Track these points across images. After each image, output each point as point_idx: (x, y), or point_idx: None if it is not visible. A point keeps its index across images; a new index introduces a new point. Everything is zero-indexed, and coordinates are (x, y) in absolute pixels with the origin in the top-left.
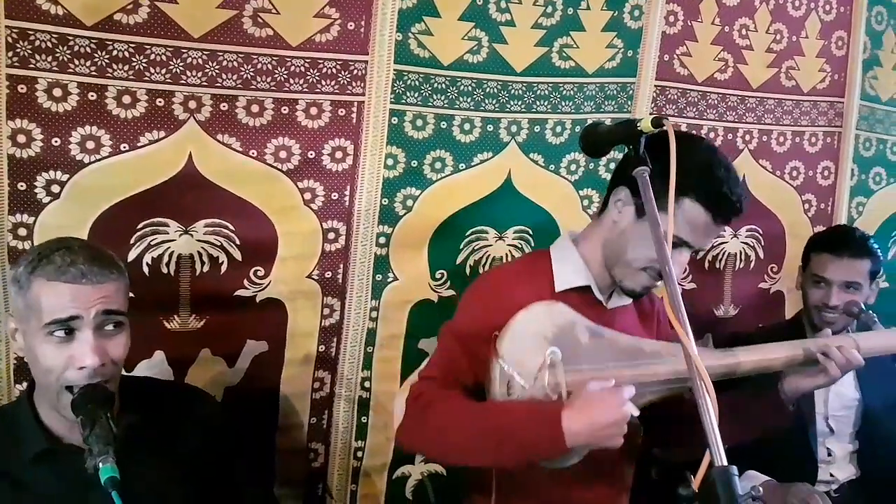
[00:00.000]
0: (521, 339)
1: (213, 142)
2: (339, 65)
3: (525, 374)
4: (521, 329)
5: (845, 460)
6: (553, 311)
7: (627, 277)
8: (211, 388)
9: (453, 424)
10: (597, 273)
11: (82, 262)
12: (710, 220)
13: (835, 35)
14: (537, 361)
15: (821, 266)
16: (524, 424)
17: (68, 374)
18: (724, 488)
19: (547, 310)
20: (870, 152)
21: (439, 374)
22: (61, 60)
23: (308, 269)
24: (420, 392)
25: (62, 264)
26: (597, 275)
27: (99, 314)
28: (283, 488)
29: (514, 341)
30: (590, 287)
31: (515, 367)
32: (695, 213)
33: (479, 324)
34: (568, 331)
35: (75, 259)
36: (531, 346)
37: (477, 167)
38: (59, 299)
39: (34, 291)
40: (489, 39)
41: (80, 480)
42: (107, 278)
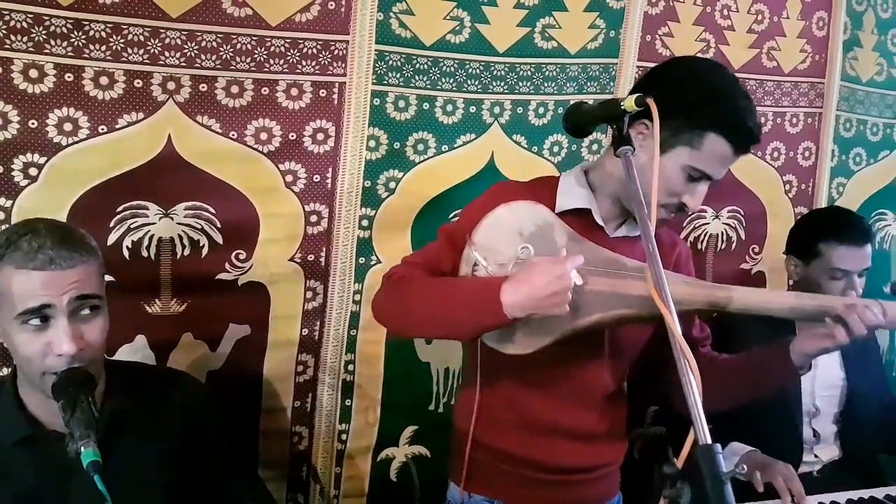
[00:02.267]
0: (496, 230)
1: (193, 123)
2: (320, 45)
3: (493, 262)
4: (498, 220)
5: (829, 441)
6: (534, 210)
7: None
8: (193, 373)
9: (414, 296)
10: (603, 201)
11: (50, 247)
12: (731, 152)
13: (815, 16)
14: (509, 254)
15: (840, 258)
16: (469, 294)
17: (48, 362)
18: (708, 466)
19: (528, 208)
20: (850, 133)
21: (421, 261)
22: (37, 41)
23: (290, 252)
24: (397, 271)
25: (29, 250)
26: (602, 202)
27: (72, 300)
28: (267, 471)
29: (489, 231)
30: (590, 211)
31: (485, 254)
32: (718, 146)
33: (471, 224)
34: (546, 231)
35: (43, 244)
36: (505, 239)
37: (460, 149)
38: (29, 287)
39: (4, 280)
40: (471, 20)
41: (63, 467)
42: (77, 261)
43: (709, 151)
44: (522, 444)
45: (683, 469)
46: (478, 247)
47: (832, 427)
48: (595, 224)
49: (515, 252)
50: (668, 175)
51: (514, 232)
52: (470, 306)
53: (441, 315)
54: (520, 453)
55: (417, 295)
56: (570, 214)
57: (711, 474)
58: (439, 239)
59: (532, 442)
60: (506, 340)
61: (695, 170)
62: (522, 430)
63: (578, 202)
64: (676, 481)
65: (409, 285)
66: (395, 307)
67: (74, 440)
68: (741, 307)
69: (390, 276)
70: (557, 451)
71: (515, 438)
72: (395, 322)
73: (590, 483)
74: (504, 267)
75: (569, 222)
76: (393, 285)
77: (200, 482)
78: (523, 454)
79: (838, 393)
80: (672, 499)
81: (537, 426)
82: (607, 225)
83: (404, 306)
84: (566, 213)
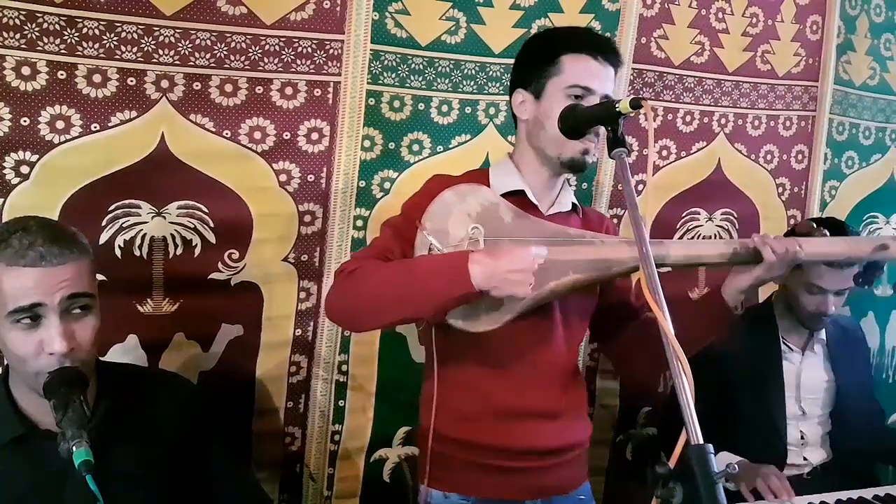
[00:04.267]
0: (445, 213)
1: (186, 122)
2: (315, 44)
3: (446, 244)
4: (446, 204)
5: (817, 443)
6: (478, 191)
7: (563, 151)
8: (185, 373)
9: (373, 282)
10: (532, 178)
11: (41, 244)
12: (593, 62)
13: (809, 19)
14: (460, 235)
15: (818, 276)
16: (434, 268)
17: (39, 361)
18: (700, 466)
19: (473, 190)
20: (843, 136)
21: (371, 254)
22: (30, 38)
23: (284, 252)
24: (347, 265)
25: (20, 248)
26: (532, 179)
27: (63, 299)
28: (260, 472)
29: (438, 215)
30: (524, 192)
31: (439, 238)
32: (576, 61)
33: (413, 215)
34: (492, 210)
35: (33, 241)
36: (455, 221)
37: (455, 149)
38: (20, 285)
39: None
40: (467, 20)
41: (55, 467)
42: (68, 258)
43: (572, 70)
44: (487, 431)
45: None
46: (429, 231)
47: (819, 429)
48: (530, 203)
49: (467, 232)
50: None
51: (462, 213)
52: (437, 279)
53: (404, 294)
54: (485, 441)
55: (376, 280)
56: (506, 197)
57: (703, 474)
58: (383, 233)
59: (496, 427)
60: (472, 318)
61: (574, 87)
62: (485, 417)
63: (512, 185)
64: (669, 481)
65: (366, 273)
66: (350, 298)
67: (66, 440)
68: (678, 260)
69: (342, 270)
70: (522, 433)
71: (479, 426)
72: (352, 314)
73: (558, 468)
74: (458, 248)
75: None
76: (347, 277)
77: (194, 483)
78: (488, 441)
79: (824, 395)
80: (664, 499)
81: (499, 410)
82: (541, 203)
83: (361, 295)
84: (502, 196)
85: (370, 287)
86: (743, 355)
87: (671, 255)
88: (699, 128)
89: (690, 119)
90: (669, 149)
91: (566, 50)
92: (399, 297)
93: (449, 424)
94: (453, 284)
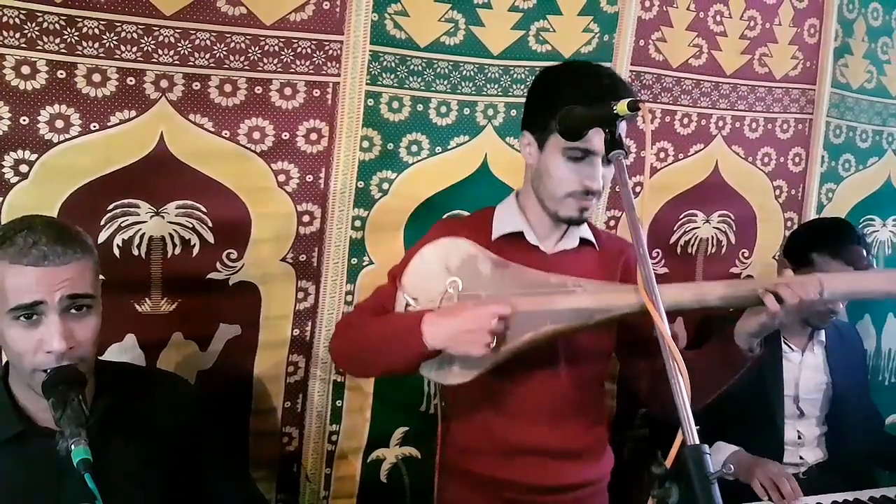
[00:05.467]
0: (423, 270)
1: (186, 122)
2: (314, 45)
3: (425, 300)
4: (424, 261)
5: (814, 443)
6: (456, 244)
7: (560, 208)
8: (183, 372)
9: (358, 338)
10: (535, 219)
11: (45, 243)
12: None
13: (807, 23)
14: (438, 290)
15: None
16: (395, 327)
17: (38, 358)
18: (695, 466)
19: (451, 243)
20: (840, 139)
21: (370, 306)
22: (29, 37)
23: (282, 252)
24: (347, 318)
25: (24, 246)
26: (535, 221)
27: (64, 298)
28: (257, 471)
29: (416, 272)
30: (523, 233)
31: (416, 294)
32: None
33: None
34: (470, 263)
35: (38, 240)
36: (433, 276)
37: (453, 150)
38: (22, 282)
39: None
40: (466, 22)
41: (54, 465)
42: (71, 258)
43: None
44: (494, 466)
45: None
46: (406, 288)
47: (816, 429)
48: (530, 245)
49: (445, 287)
50: (555, 167)
51: (441, 268)
52: (397, 339)
53: (378, 351)
54: (493, 475)
55: (360, 336)
56: (506, 238)
57: (699, 474)
58: (388, 282)
59: (503, 463)
60: (444, 371)
61: (571, 150)
62: (492, 452)
63: (511, 226)
64: (665, 481)
65: (353, 329)
66: (345, 351)
67: (65, 438)
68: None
69: (342, 322)
70: (530, 469)
71: (486, 461)
72: (347, 364)
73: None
74: (434, 303)
75: (505, 246)
76: (342, 330)
77: (190, 482)
78: (496, 475)
79: (822, 396)
80: (660, 499)
81: (508, 448)
82: (544, 242)
83: (352, 349)
84: (502, 238)
85: (356, 343)
86: None
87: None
88: (697, 130)
89: (688, 121)
90: (667, 151)
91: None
92: (375, 353)
93: (456, 457)
94: (409, 345)
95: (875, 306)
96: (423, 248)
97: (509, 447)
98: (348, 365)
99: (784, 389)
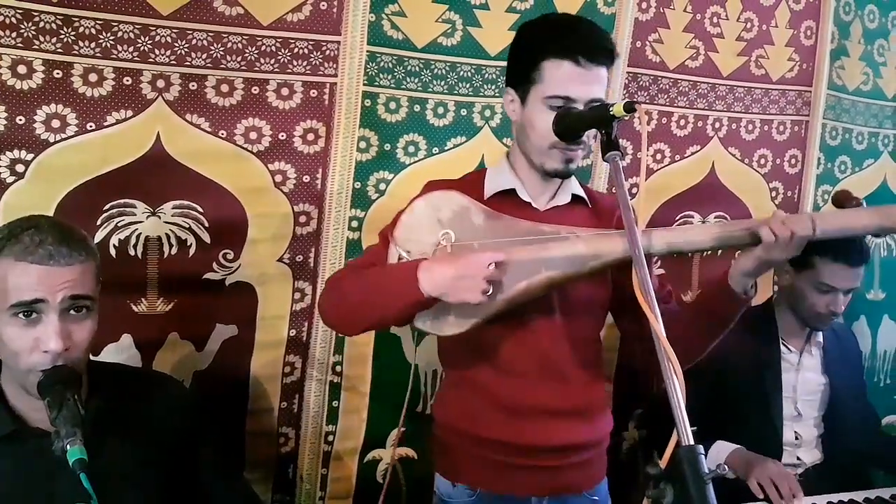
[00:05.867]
0: (415, 223)
1: (182, 122)
2: (311, 45)
3: (417, 253)
4: (416, 214)
5: (811, 444)
6: (448, 197)
7: (545, 160)
8: (179, 373)
9: (348, 289)
10: (526, 177)
11: (51, 243)
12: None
13: (804, 25)
14: (431, 242)
15: (830, 275)
16: (391, 276)
17: (33, 358)
18: (690, 467)
19: (443, 196)
20: (836, 141)
21: (361, 263)
22: (26, 37)
23: (279, 252)
24: (338, 273)
25: (30, 244)
26: (526, 178)
27: (65, 299)
28: (253, 472)
29: (408, 226)
30: (515, 190)
31: (409, 248)
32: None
33: None
34: (463, 214)
35: (44, 239)
36: (425, 229)
37: (451, 151)
38: (25, 280)
39: (1, 271)
40: (463, 22)
41: (46, 465)
42: (75, 260)
43: (551, 79)
44: (493, 427)
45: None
46: (399, 241)
47: (814, 430)
48: (522, 202)
49: (437, 240)
50: (538, 119)
51: (432, 221)
52: (392, 287)
53: (371, 302)
54: (491, 436)
55: (351, 287)
56: (499, 196)
57: (694, 475)
58: (379, 242)
59: (502, 424)
60: (439, 321)
61: (552, 98)
62: (491, 413)
63: (503, 184)
64: (660, 482)
65: (344, 282)
66: (336, 304)
67: (60, 438)
68: (664, 248)
69: (332, 277)
70: (529, 430)
71: (485, 422)
72: (336, 318)
73: (570, 466)
74: (425, 255)
75: (498, 203)
76: (332, 285)
77: (185, 483)
78: (495, 437)
79: (819, 397)
80: (655, 499)
81: (505, 407)
82: (537, 200)
83: (343, 302)
84: (495, 196)
85: (345, 296)
86: (743, 355)
87: (654, 244)
88: (693, 132)
89: (685, 123)
90: (664, 152)
91: (547, 55)
92: (366, 304)
93: (457, 418)
94: (405, 293)
95: (870, 307)
96: (415, 202)
97: (509, 407)
98: (338, 320)
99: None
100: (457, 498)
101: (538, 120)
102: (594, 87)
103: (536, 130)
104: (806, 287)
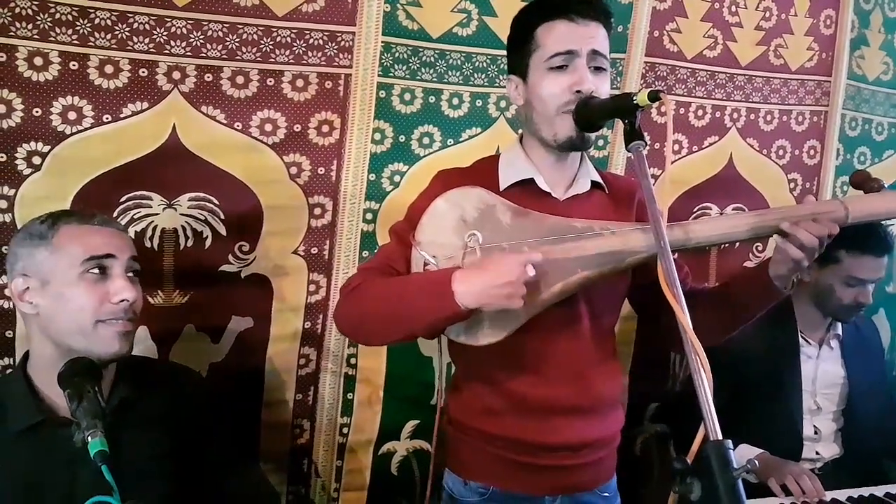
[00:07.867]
0: (438, 224)
1: (198, 114)
2: (326, 36)
3: (442, 257)
4: (438, 215)
5: (830, 438)
6: (471, 194)
7: (557, 129)
8: (195, 365)
9: (369, 301)
10: (542, 164)
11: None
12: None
13: (823, 14)
14: (457, 245)
15: (859, 268)
16: (421, 287)
17: (105, 308)
18: (718, 462)
19: (464, 194)
20: (855, 132)
21: (375, 266)
22: (42, 28)
23: (294, 244)
24: (351, 281)
25: (86, 214)
26: (542, 166)
27: (129, 259)
28: (268, 464)
29: (431, 227)
30: (534, 179)
31: (433, 251)
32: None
33: (417, 218)
34: (488, 213)
35: (93, 214)
36: (450, 231)
37: (465, 143)
38: (96, 239)
39: (62, 238)
40: (479, 12)
41: (69, 456)
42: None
43: (546, 41)
44: (508, 425)
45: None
46: (423, 245)
47: (833, 425)
48: (541, 191)
49: (463, 241)
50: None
51: (457, 221)
52: (423, 300)
53: (397, 314)
54: (506, 434)
55: (372, 299)
56: (516, 187)
57: (723, 470)
58: (391, 240)
59: (517, 422)
60: (475, 332)
61: (554, 57)
62: (506, 411)
63: (520, 174)
64: (686, 476)
65: (363, 292)
66: (353, 317)
67: (81, 430)
68: (702, 240)
69: (347, 286)
70: (544, 428)
71: (500, 420)
72: (357, 331)
73: (583, 464)
74: (454, 259)
75: (516, 195)
76: (348, 295)
77: (202, 474)
78: (509, 435)
79: (839, 391)
80: (682, 494)
81: (521, 405)
82: (555, 189)
83: (362, 314)
84: (511, 186)
85: (367, 308)
86: (761, 348)
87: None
88: (711, 122)
89: (703, 113)
90: (681, 143)
91: (538, 22)
92: (392, 317)
93: (470, 415)
94: (439, 306)
95: (890, 300)
96: (435, 201)
97: (526, 405)
98: (358, 332)
99: (801, 384)
100: (468, 496)
101: (542, 86)
102: (593, 41)
103: (543, 97)
104: (834, 282)
